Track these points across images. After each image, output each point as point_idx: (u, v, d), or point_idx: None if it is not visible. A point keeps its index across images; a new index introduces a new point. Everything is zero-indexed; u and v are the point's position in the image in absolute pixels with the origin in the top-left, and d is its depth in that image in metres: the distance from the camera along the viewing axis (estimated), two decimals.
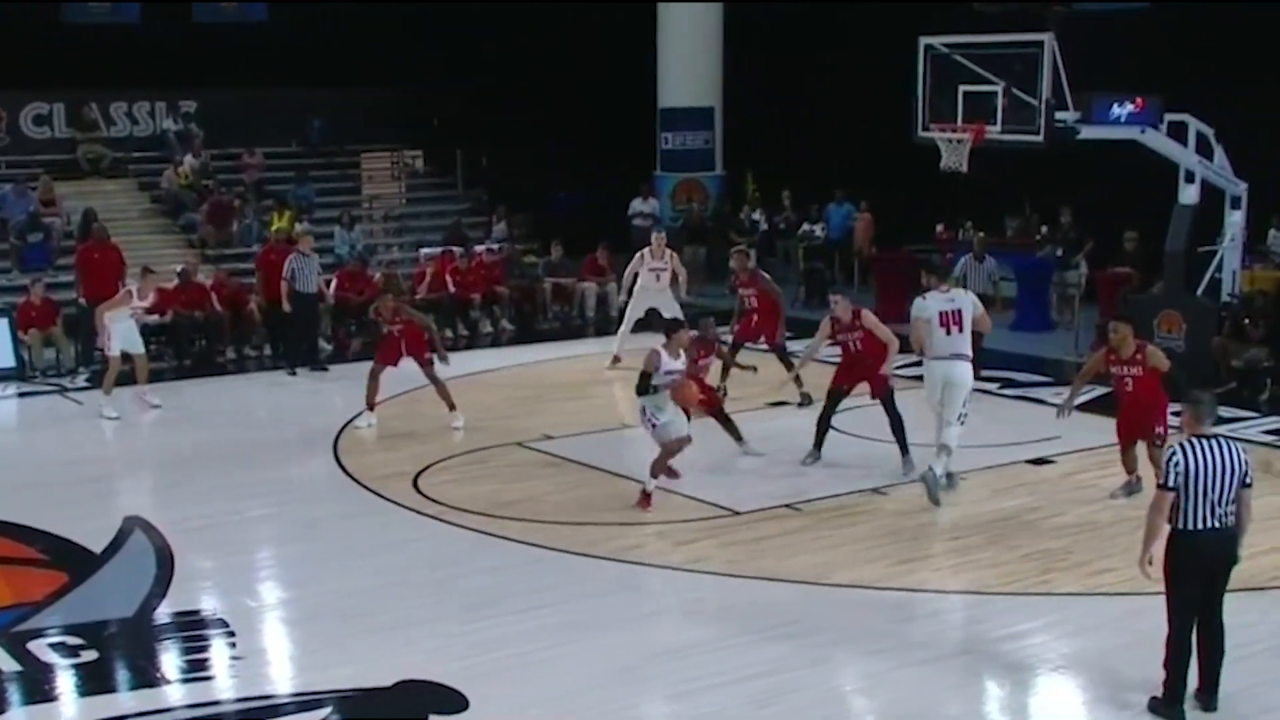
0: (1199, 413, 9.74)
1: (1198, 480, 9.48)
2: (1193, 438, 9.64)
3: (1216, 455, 9.53)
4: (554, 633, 11.53)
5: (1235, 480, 9.55)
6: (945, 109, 19.84)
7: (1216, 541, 9.61)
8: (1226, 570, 9.74)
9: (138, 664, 11.20)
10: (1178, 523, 9.59)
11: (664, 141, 31.97)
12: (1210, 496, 9.50)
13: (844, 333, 16.18)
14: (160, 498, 15.23)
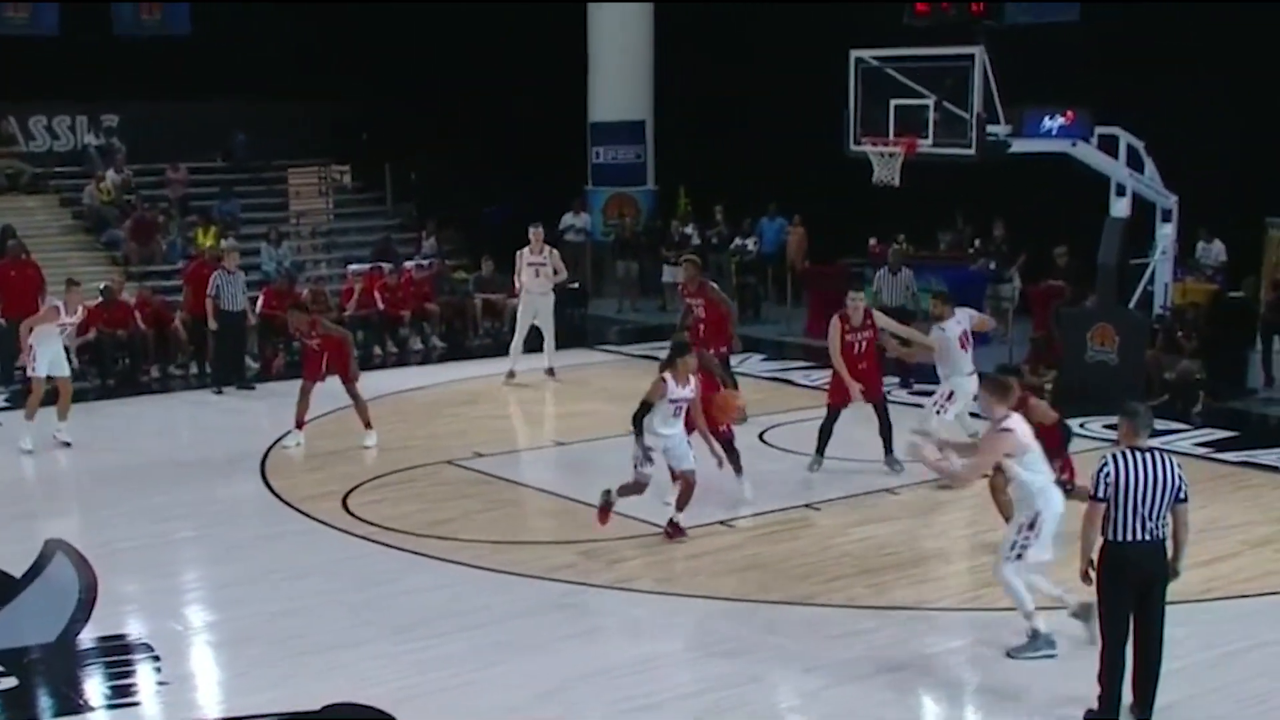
0: (1135, 424, 9.77)
1: (1129, 492, 9.50)
2: (1127, 449, 9.67)
3: (1150, 468, 9.56)
4: (484, 653, 11.51)
5: (1168, 494, 9.56)
6: (877, 122, 19.94)
7: (1147, 554, 9.64)
8: (1161, 583, 9.76)
9: (60, 691, 11.10)
10: (1108, 534, 9.63)
11: (595, 156, 32.04)
12: (1141, 509, 9.52)
13: (852, 333, 16.42)
14: (83, 520, 15.11)
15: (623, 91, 31.61)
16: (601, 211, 31.86)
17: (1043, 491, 11.19)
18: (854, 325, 16.43)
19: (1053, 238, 23.59)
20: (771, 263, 28.88)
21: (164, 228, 28.18)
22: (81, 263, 27.07)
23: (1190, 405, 19.57)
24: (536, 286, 22.45)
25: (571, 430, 18.99)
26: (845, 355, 16.53)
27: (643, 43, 31.50)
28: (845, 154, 20.35)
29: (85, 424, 19.40)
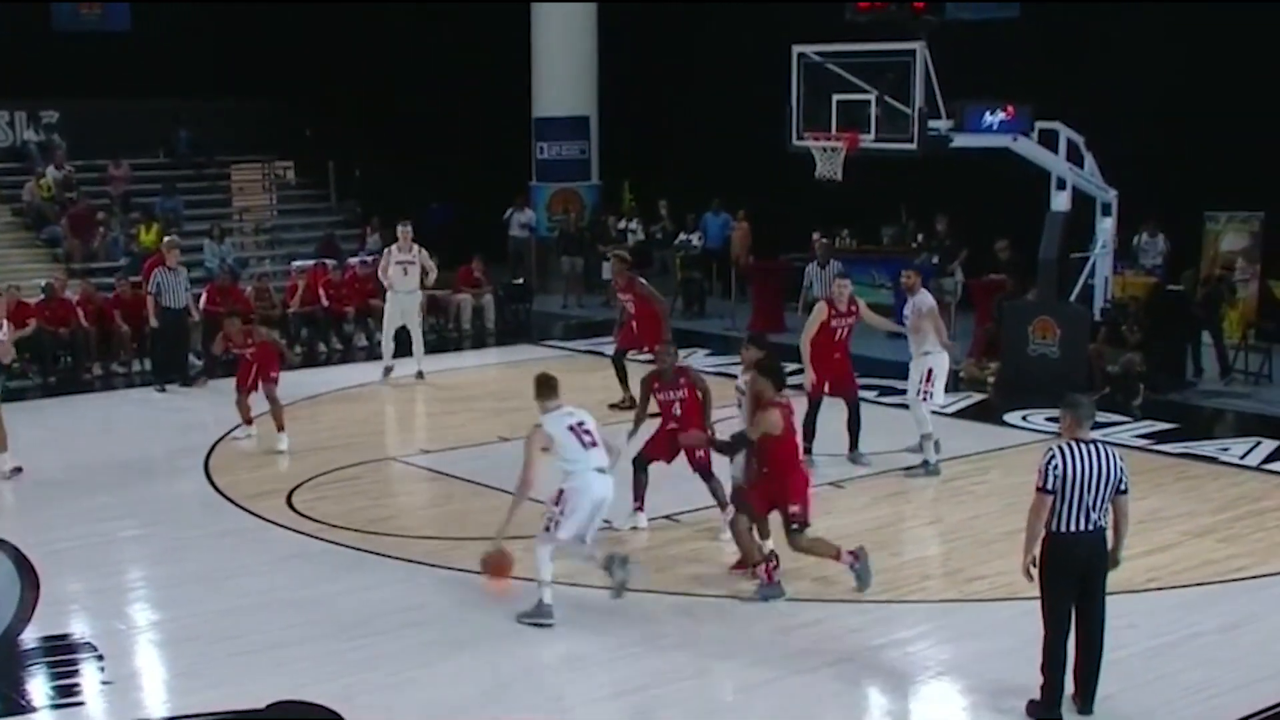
0: (1078, 416, 9.88)
1: (1074, 484, 9.62)
2: (1071, 441, 9.78)
3: (1093, 460, 9.68)
4: (429, 650, 11.49)
5: (1110, 485, 9.70)
6: (819, 118, 19.98)
7: (1089, 545, 9.75)
8: (1101, 574, 9.87)
9: (3, 691, 11.02)
10: (1052, 525, 9.72)
11: (539, 151, 31.99)
12: (1085, 500, 9.64)
13: (838, 319, 16.49)
14: (25, 519, 14.99)
15: (567, 87, 31.58)
16: (546, 207, 31.83)
17: (573, 475, 12.19)
18: (839, 311, 16.48)
19: (994, 232, 23.71)
20: (716, 258, 28.93)
21: (105, 224, 28.00)
22: (22, 260, 26.94)
23: (1131, 398, 19.70)
24: (404, 285, 22.04)
25: (516, 426, 18.92)
26: (824, 340, 16.49)
27: (586, 38, 31.47)
28: (788, 149, 20.39)
29: (27, 422, 19.23)
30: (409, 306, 22.02)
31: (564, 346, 25.35)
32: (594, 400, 19.93)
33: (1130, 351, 20.21)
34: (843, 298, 16.60)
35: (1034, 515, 9.80)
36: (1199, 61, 23.11)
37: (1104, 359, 20.28)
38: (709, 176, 28.97)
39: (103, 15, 32.37)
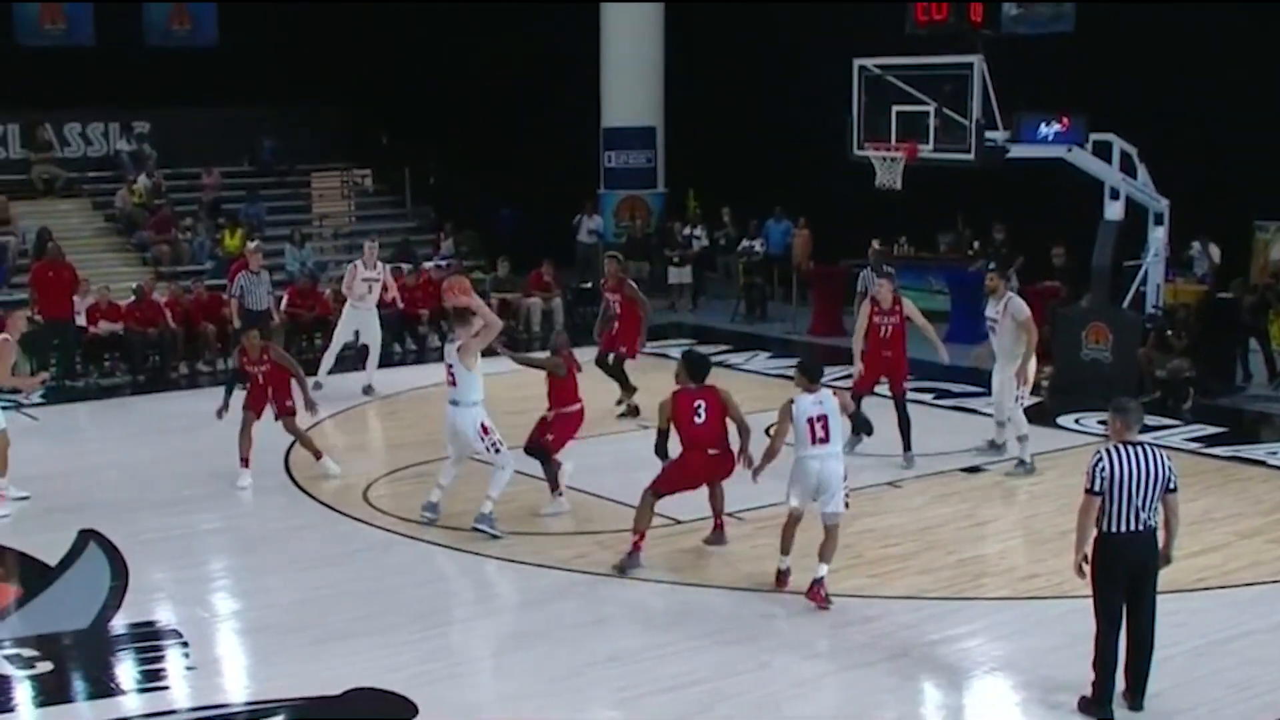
0: (1127, 420, 9.86)
1: (1122, 485, 9.60)
2: (1119, 444, 9.77)
3: (1141, 461, 9.66)
4: (500, 640, 11.53)
5: (1159, 486, 9.67)
6: (879, 128, 19.93)
7: (1140, 544, 9.72)
8: (1152, 573, 9.84)
9: (93, 675, 11.13)
10: (1102, 526, 9.71)
11: (607, 160, 32.00)
12: (1134, 501, 9.61)
13: (880, 316, 16.44)
14: (115, 511, 15.09)
15: (635, 98, 31.58)
16: (613, 214, 31.84)
17: None
18: (883, 309, 16.47)
19: (1049, 240, 23.56)
20: (777, 264, 28.85)
21: (192, 229, 28.23)
22: (114, 263, 27.20)
23: (1181, 402, 19.54)
24: (367, 303, 21.59)
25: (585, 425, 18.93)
26: (872, 339, 16.55)
27: (654, 51, 31.45)
28: (849, 159, 20.34)
29: (117, 419, 19.46)
30: (369, 322, 21.65)
31: None
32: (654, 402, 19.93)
33: (1178, 357, 20.04)
34: (884, 296, 16.56)
35: (1083, 516, 9.79)
36: (1251, 74, 22.91)
37: (1154, 364, 20.12)
38: (771, 184, 28.91)
39: (192, 30, 32.65)
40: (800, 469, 12.26)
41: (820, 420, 12.21)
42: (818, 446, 12.17)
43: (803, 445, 12.22)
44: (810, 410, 12.25)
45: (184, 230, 28.12)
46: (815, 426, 12.18)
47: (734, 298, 28.43)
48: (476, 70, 31.39)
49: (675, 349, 24.05)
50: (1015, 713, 10.40)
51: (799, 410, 12.25)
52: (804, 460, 12.23)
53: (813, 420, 12.19)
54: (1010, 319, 16.13)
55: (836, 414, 12.39)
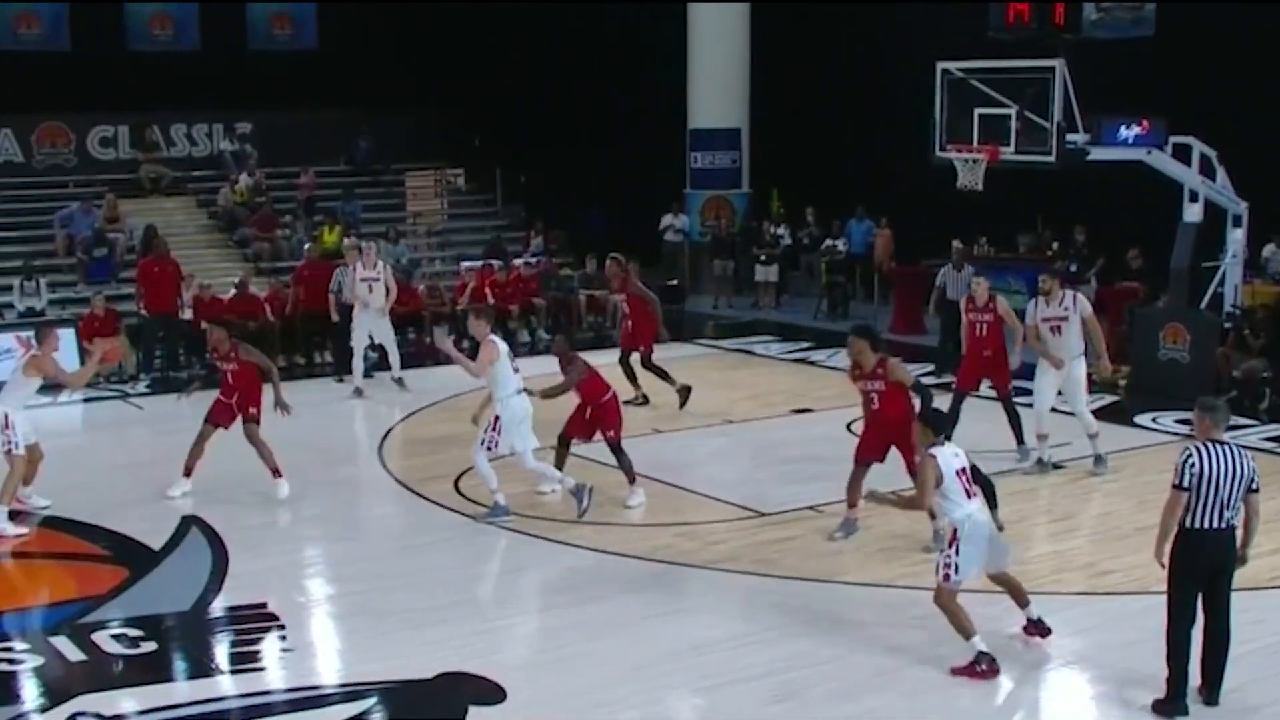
0: (1215, 419, 9.82)
1: (1208, 482, 9.55)
2: (1206, 442, 9.73)
3: (1227, 460, 9.61)
4: (586, 628, 11.53)
5: (1242, 484, 9.63)
6: (962, 130, 19.80)
7: (1221, 541, 9.67)
8: (1230, 570, 9.78)
9: (193, 655, 11.26)
10: (1187, 521, 9.64)
11: (693, 160, 31.98)
12: (1219, 498, 9.56)
13: (975, 313, 16.36)
14: (215, 498, 15.23)
15: (720, 100, 31.55)
16: (699, 213, 31.80)
17: (500, 401, 14.20)
18: (977, 306, 16.36)
19: (1127, 242, 23.33)
20: (860, 262, 28.74)
21: (290, 226, 28.48)
22: (214, 260, 27.43)
23: (1257, 402, 19.30)
24: (372, 302, 21.05)
25: (670, 419, 18.98)
26: (969, 337, 16.46)
27: (739, 54, 31.41)
28: (931, 160, 20.22)
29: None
30: (378, 323, 21.19)
31: (714, 345, 25.32)
32: (739, 396, 20.01)
33: (1254, 358, 19.80)
34: (979, 294, 16.45)
35: (1169, 511, 9.71)
36: None
37: (1232, 364, 19.88)
38: (854, 185, 28.77)
39: (293, 35, 32.94)
40: (975, 529, 10.59)
41: (963, 474, 10.69)
42: (975, 500, 10.69)
43: (959, 503, 10.61)
44: (954, 464, 10.70)
45: (283, 227, 28.36)
46: (963, 480, 10.66)
47: (816, 296, 28.32)
48: (567, 73, 31.44)
49: (759, 345, 24.16)
50: (1090, 706, 10.32)
51: (944, 464, 10.62)
52: (975, 517, 10.62)
53: (963, 473, 10.70)
54: (1078, 316, 15.87)
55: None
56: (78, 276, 25.92)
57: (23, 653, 11.16)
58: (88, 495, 15.27)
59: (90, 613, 12.03)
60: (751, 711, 10.02)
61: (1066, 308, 15.92)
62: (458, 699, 10.25)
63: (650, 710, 10.12)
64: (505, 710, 10.07)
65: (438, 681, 10.55)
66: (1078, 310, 15.91)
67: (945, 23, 23.70)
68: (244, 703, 10.29)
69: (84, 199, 27.62)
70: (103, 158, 30.34)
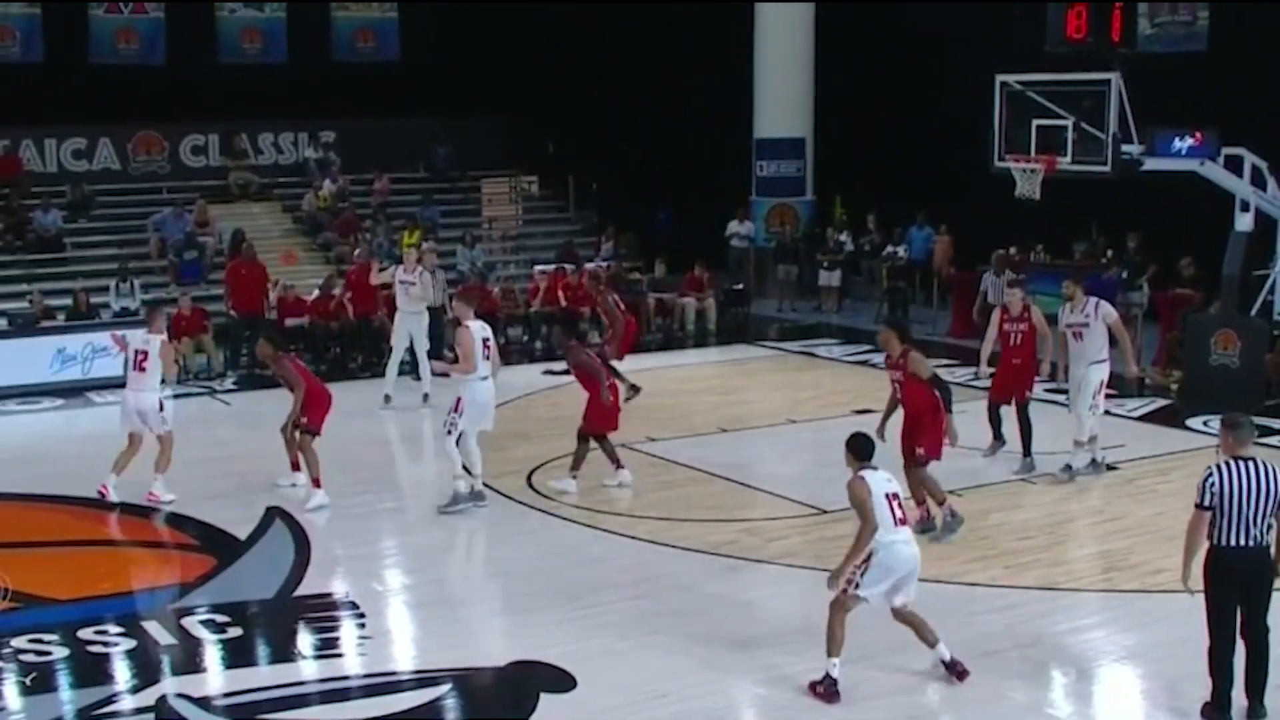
0: (1239, 436, 9.46)
1: (1233, 500, 9.25)
2: (1230, 459, 9.39)
3: (1253, 476, 9.28)
4: (651, 620, 11.54)
5: (1271, 501, 9.28)
6: (1020, 141, 19.66)
7: (1251, 559, 9.37)
8: (1265, 587, 9.48)
9: (276, 641, 11.34)
10: (1214, 539, 9.37)
11: (759, 169, 31.91)
12: (1245, 515, 9.26)
13: (1010, 323, 16.27)
14: (298, 491, 15.34)
15: (785, 110, 31.45)
16: (764, 220, 31.74)
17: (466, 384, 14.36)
18: (1011, 316, 16.24)
19: (1180, 249, 23.11)
20: (919, 268, 28.60)
21: (371, 230, 28.65)
22: (300, 262, 27.62)
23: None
24: (407, 306, 20.25)
25: (735, 418, 18.96)
26: (1002, 345, 16.34)
27: (804, 65, 31.32)
28: (990, 169, 20.10)
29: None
30: (414, 327, 20.30)
31: (778, 347, 25.25)
32: (803, 397, 19.97)
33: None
34: (1014, 304, 16.31)
35: (1192, 531, 9.46)
36: None
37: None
38: (914, 193, 28.62)
39: (376, 47, 33.13)
40: (892, 556, 10.09)
41: (895, 498, 10.20)
42: (902, 528, 10.17)
43: (886, 529, 10.06)
44: (887, 487, 10.22)
45: (364, 231, 28.53)
46: (893, 505, 10.15)
47: (877, 300, 28.21)
48: (638, 83, 31.47)
49: (822, 347, 24.12)
50: (1140, 701, 10.25)
51: (875, 487, 10.13)
52: (895, 545, 10.09)
53: (889, 498, 10.16)
54: (1101, 322, 15.53)
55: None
56: (169, 278, 26.19)
57: (116, 636, 11.28)
58: (179, 487, 15.38)
59: (180, 599, 12.17)
60: (811, 703, 9.99)
61: (1088, 314, 15.60)
62: (529, 686, 10.28)
63: (712, 701, 10.11)
64: (574, 698, 10.10)
65: (509, 669, 10.59)
66: (1099, 317, 15.57)
67: (1005, 36, 23.52)
68: (323, 687, 10.36)
69: (176, 204, 27.96)
70: (194, 165, 30.64)
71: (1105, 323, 15.60)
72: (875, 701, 10.06)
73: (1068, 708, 10.26)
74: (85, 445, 18.00)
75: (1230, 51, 24.38)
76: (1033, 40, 19.82)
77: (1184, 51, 25.52)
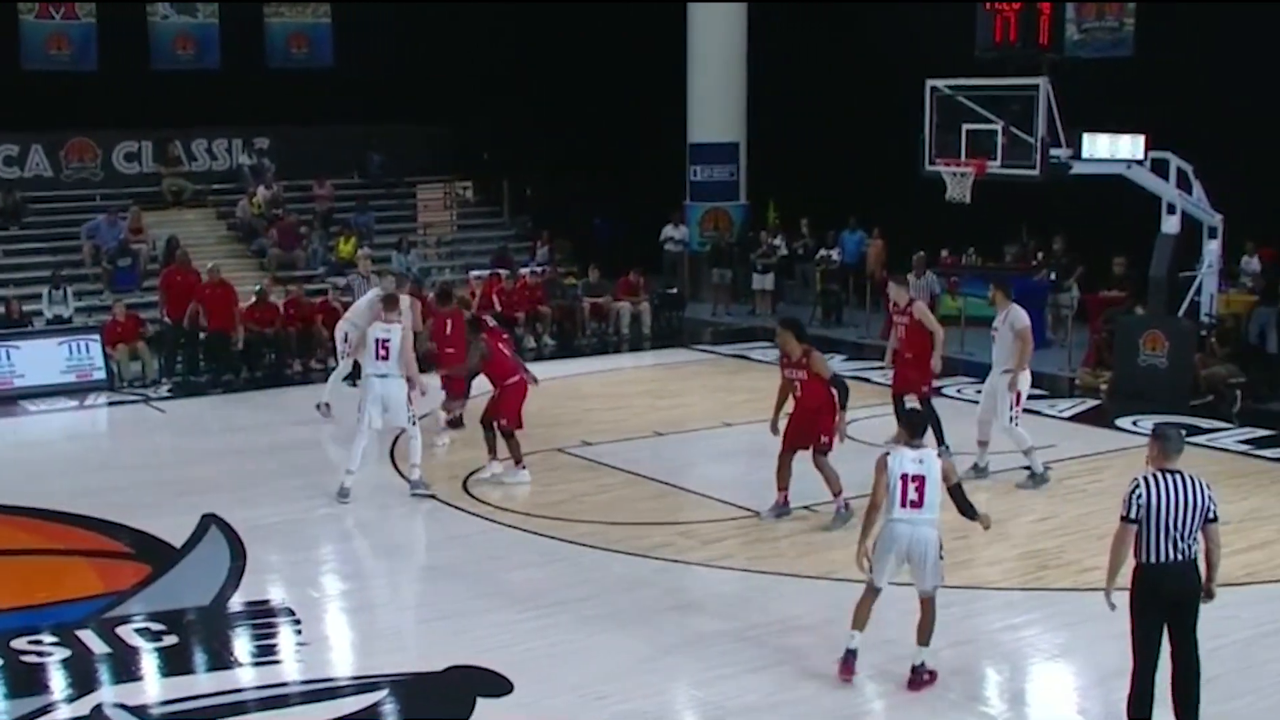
0: (1166, 448, 9.12)
1: (1160, 514, 8.92)
2: (1157, 472, 9.07)
3: (1180, 490, 8.95)
4: (589, 623, 11.53)
5: (1198, 515, 8.96)
6: (950, 145, 19.78)
7: (1179, 574, 9.01)
8: (1193, 604, 9.15)
9: (213, 648, 11.26)
10: (1141, 555, 9.04)
11: (693, 173, 31.96)
12: (1173, 531, 8.92)
13: (898, 316, 16.44)
14: (234, 497, 15.25)
15: (719, 115, 31.49)
16: (698, 224, 31.79)
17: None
18: (900, 309, 16.44)
19: (1111, 251, 23.35)
20: (852, 272, 28.73)
21: (308, 237, 28.51)
22: (234, 269, 27.37)
23: (1231, 406, 19.30)
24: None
25: (671, 422, 18.98)
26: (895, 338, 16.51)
27: (736, 72, 31.38)
28: (921, 173, 20.21)
29: (237, 413, 19.66)
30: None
31: (713, 351, 25.31)
32: (736, 401, 20.02)
33: (1222, 364, 19.83)
34: (899, 297, 16.49)
35: (1118, 544, 9.08)
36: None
37: (1208, 370, 19.88)
38: (847, 196, 28.77)
39: (310, 53, 32.96)
40: (888, 534, 10.40)
41: (916, 481, 10.35)
42: (909, 510, 10.37)
43: (892, 507, 10.34)
44: (908, 468, 10.39)
45: (300, 238, 28.37)
46: (909, 486, 10.35)
47: (811, 303, 28.31)
48: (572, 89, 31.48)
49: (756, 350, 24.16)
50: (1073, 697, 10.32)
51: (894, 466, 10.35)
52: (893, 525, 10.37)
53: (907, 479, 10.35)
54: (1009, 328, 15.40)
55: (938, 478, 10.46)
56: (103, 285, 25.94)
57: (51, 645, 11.16)
58: (114, 495, 15.29)
59: (115, 607, 12.04)
60: (749, 703, 10.02)
61: (1002, 320, 15.56)
62: (465, 691, 10.25)
63: (650, 702, 10.11)
64: (511, 702, 10.08)
65: (446, 674, 10.55)
66: (1008, 322, 15.43)
67: (934, 42, 23.69)
68: (260, 694, 10.29)
69: (110, 211, 27.65)
70: (127, 172, 30.31)
71: (1014, 329, 15.42)
72: (811, 699, 10.09)
73: (1001, 705, 10.34)
74: (17, 453, 17.84)
75: (1156, 56, 24.67)
76: (963, 46, 19.98)
77: (1111, 56, 25.79)
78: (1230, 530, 12.83)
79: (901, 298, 16.50)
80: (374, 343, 15.37)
